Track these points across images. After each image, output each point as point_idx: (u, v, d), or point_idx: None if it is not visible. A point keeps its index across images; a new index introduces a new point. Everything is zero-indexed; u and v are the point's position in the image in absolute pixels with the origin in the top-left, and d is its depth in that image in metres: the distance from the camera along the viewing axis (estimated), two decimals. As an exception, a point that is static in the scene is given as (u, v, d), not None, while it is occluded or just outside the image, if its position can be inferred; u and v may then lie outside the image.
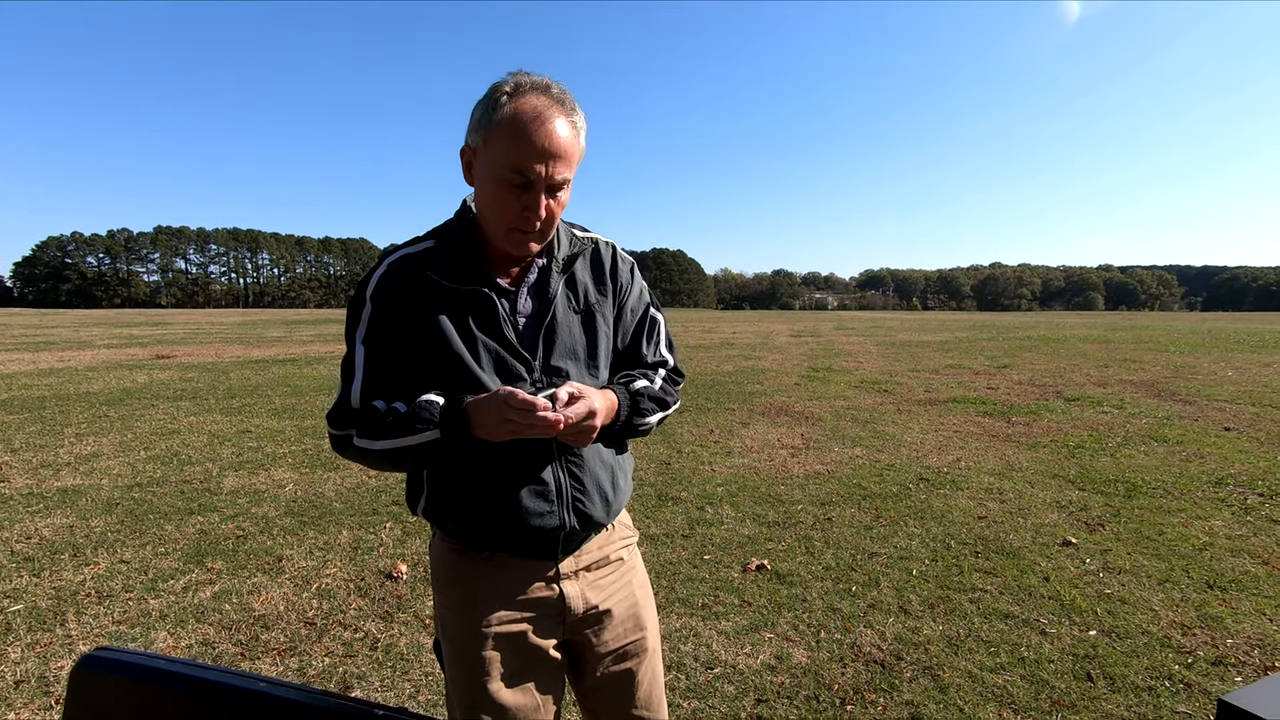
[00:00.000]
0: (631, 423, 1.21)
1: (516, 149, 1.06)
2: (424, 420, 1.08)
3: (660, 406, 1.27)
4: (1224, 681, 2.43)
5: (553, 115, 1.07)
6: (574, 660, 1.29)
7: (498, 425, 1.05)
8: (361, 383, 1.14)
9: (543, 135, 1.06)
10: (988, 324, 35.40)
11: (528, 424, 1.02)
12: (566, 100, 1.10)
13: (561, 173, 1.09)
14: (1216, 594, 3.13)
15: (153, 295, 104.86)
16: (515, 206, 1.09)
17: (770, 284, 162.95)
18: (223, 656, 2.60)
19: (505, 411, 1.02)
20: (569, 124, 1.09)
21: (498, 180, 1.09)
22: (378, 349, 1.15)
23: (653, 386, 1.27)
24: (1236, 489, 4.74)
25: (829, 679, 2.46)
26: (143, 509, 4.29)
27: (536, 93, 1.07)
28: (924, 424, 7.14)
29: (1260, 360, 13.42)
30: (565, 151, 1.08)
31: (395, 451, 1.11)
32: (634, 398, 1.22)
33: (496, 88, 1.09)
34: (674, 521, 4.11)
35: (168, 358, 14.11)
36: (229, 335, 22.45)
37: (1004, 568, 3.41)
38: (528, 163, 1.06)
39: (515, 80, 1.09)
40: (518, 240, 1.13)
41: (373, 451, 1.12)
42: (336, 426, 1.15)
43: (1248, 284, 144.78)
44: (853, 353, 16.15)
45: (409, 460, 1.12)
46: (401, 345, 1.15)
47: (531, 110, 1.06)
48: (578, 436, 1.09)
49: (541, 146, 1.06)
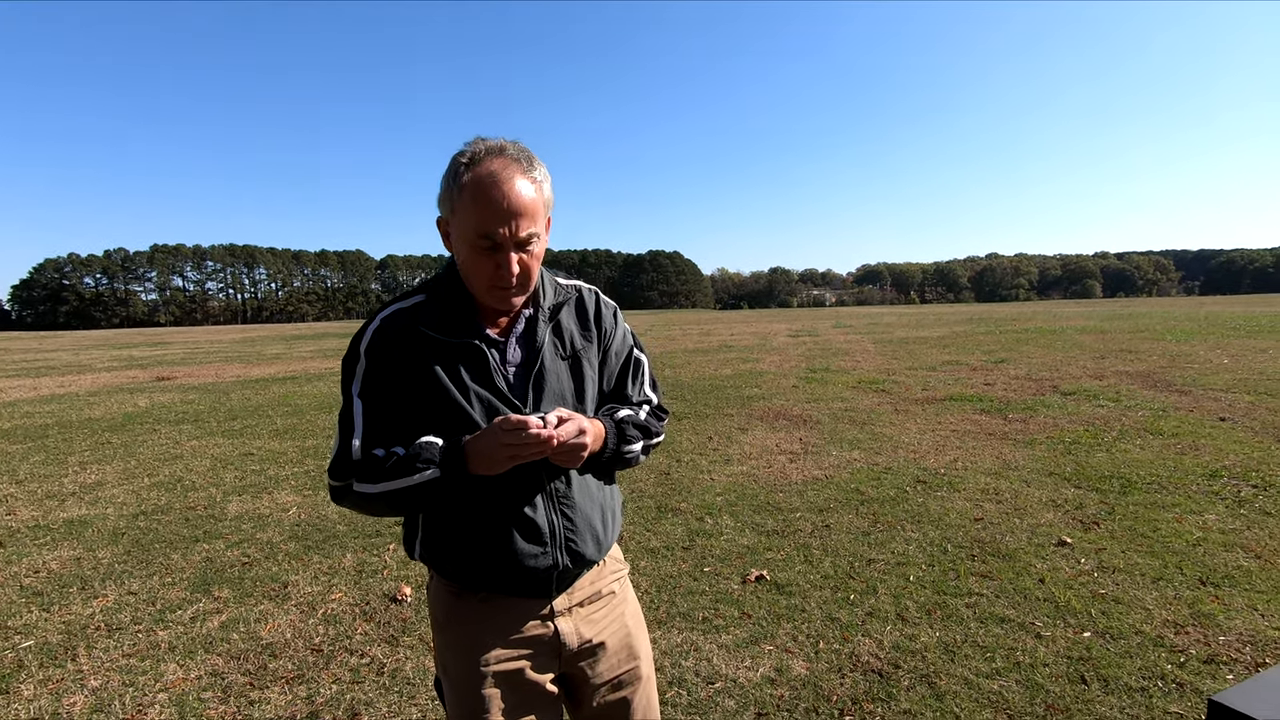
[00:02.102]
0: (619, 451, 1.26)
1: (480, 215, 1.12)
2: (424, 460, 1.13)
3: (645, 435, 1.31)
4: (1215, 680, 2.47)
5: (510, 177, 1.12)
6: (570, 692, 1.34)
7: (497, 453, 1.09)
8: (362, 434, 1.19)
9: (502, 198, 1.11)
10: (985, 316, 35.47)
11: (523, 444, 1.07)
12: (523, 158, 1.16)
13: (526, 229, 1.14)
14: (1209, 590, 3.17)
15: (151, 314, 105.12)
16: (489, 267, 1.15)
17: (768, 282, 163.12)
18: (232, 687, 2.65)
19: (502, 437, 1.07)
20: (528, 180, 1.15)
21: (469, 245, 1.15)
22: (375, 401, 1.20)
23: (636, 416, 1.32)
24: (1230, 481, 4.79)
25: (828, 690, 2.51)
26: (149, 538, 4.34)
27: (492, 157, 1.13)
28: (921, 424, 7.19)
29: (1256, 346, 13.47)
30: (527, 209, 1.14)
31: (395, 493, 1.14)
32: (619, 426, 1.27)
33: (456, 159, 1.15)
34: (674, 534, 4.16)
35: (168, 379, 14.16)
36: (228, 353, 22.50)
37: (1000, 570, 3.46)
38: (492, 227, 1.12)
39: (472, 149, 1.15)
40: (499, 296, 1.19)
41: (372, 495, 1.16)
42: (338, 478, 1.20)
43: (1244, 266, 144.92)
44: (850, 351, 16.20)
45: (408, 501, 1.16)
46: (397, 397, 1.20)
47: (489, 176, 1.12)
48: (569, 456, 1.13)
49: (503, 209, 1.12)
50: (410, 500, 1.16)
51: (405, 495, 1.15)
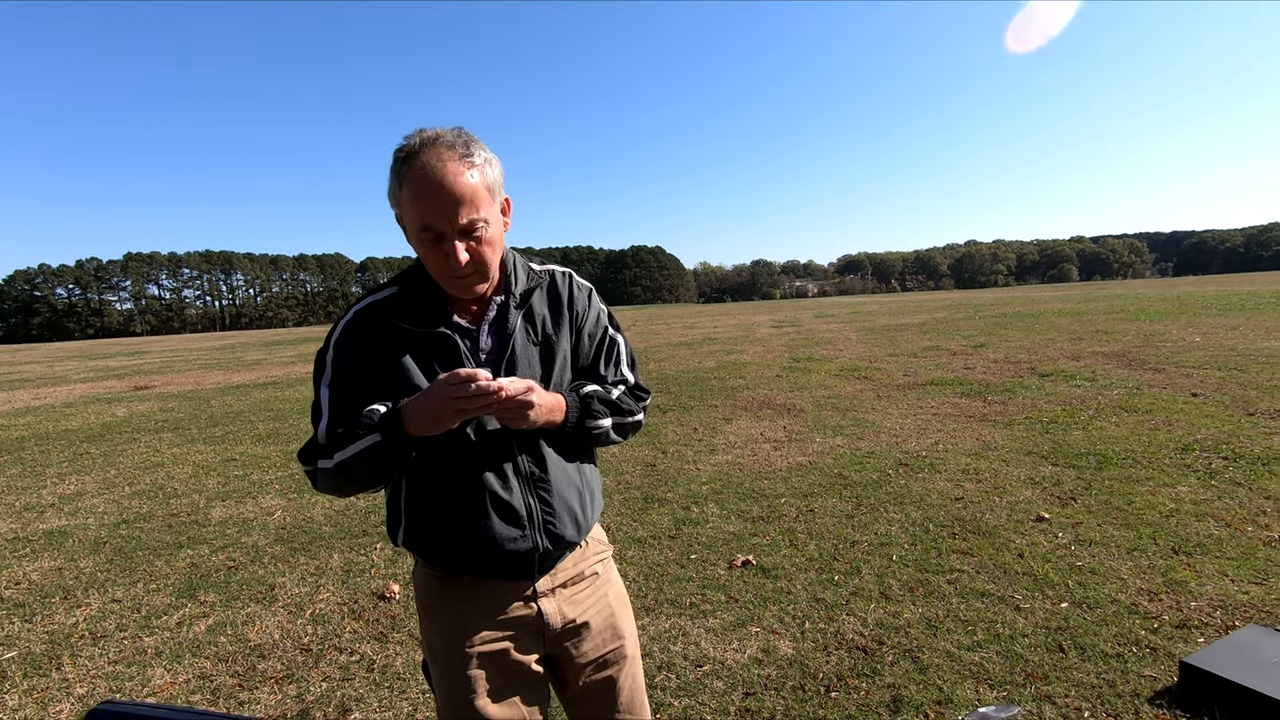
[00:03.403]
0: (583, 425, 1.26)
1: (418, 208, 1.12)
2: (364, 425, 1.15)
3: (614, 411, 1.31)
4: (1188, 644, 2.55)
5: (444, 165, 1.10)
6: (556, 672, 1.36)
7: (443, 408, 1.08)
8: (328, 421, 1.21)
9: (438, 188, 1.10)
10: (965, 302, 35.87)
11: (470, 396, 1.05)
12: (460, 144, 1.13)
13: (468, 215, 1.13)
14: (1182, 559, 3.26)
15: (126, 324, 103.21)
16: (438, 258, 1.15)
17: (750, 275, 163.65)
18: (221, 689, 2.64)
19: (450, 391, 1.06)
20: (465, 166, 1.12)
21: (417, 239, 1.16)
22: (342, 393, 1.22)
23: (603, 391, 1.31)
24: (1202, 454, 4.90)
25: (814, 668, 2.55)
26: (131, 546, 4.29)
27: (428, 147, 1.12)
28: (903, 408, 7.28)
29: (1226, 324, 13.75)
30: (466, 196, 1.12)
31: (347, 462, 1.15)
32: (583, 399, 1.27)
33: (395, 154, 1.14)
34: (661, 523, 4.19)
35: (147, 388, 13.96)
36: (207, 361, 22.21)
37: (980, 547, 3.53)
38: (432, 218, 1.12)
39: (408, 143, 1.14)
40: (458, 285, 1.19)
41: (329, 469, 1.18)
42: (306, 462, 1.22)
43: (1215, 247, 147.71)
44: (833, 340, 16.33)
45: (360, 469, 1.15)
46: (366, 388, 1.21)
47: (422, 167, 1.10)
48: (516, 413, 1.12)
49: (440, 199, 1.11)
50: (361, 466, 1.15)
51: (356, 462, 1.15)
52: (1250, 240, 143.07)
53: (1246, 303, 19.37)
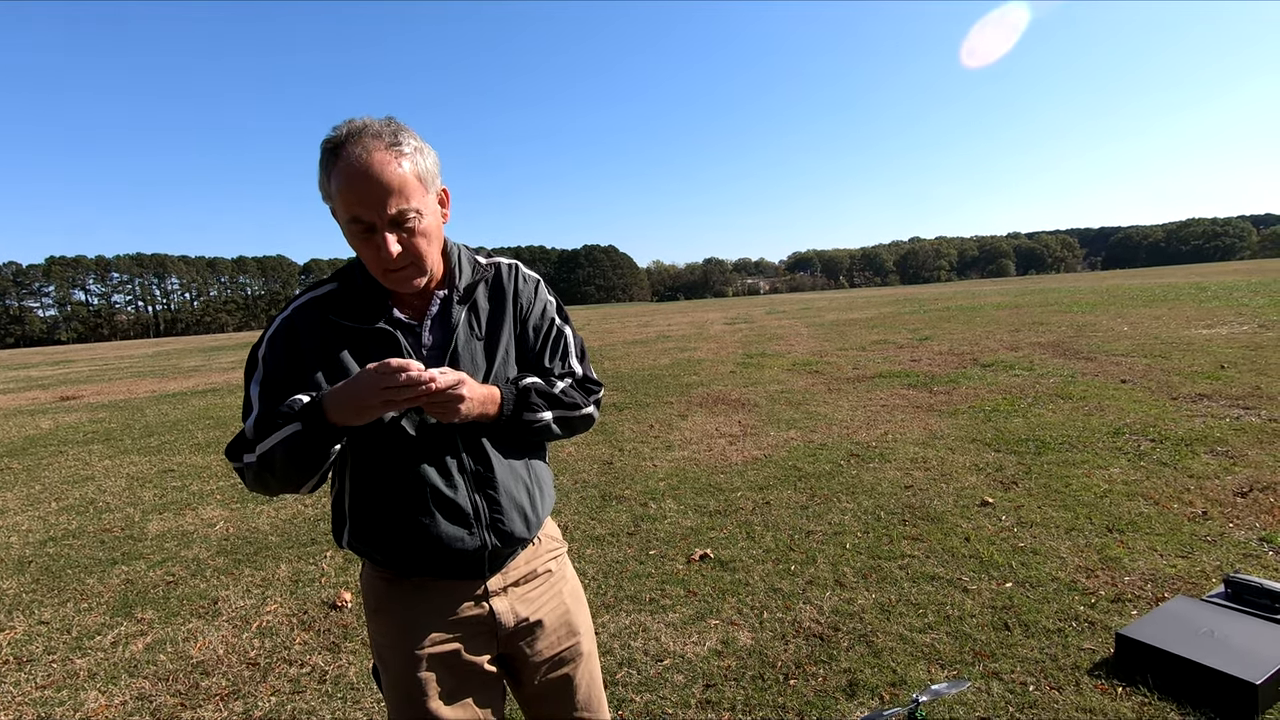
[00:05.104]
0: (520, 418, 1.23)
1: (346, 200, 1.08)
2: (284, 415, 1.10)
3: (555, 405, 1.27)
4: (1122, 616, 2.67)
5: (368, 157, 1.07)
6: (511, 672, 1.34)
7: (370, 398, 1.04)
8: (255, 417, 1.16)
9: (364, 179, 1.07)
10: (910, 297, 36.91)
11: (399, 386, 1.02)
12: (386, 133, 1.10)
13: (397, 206, 1.09)
14: (1115, 537, 3.42)
15: (50, 331, 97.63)
16: (370, 251, 1.12)
17: (703, 273, 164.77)
18: (161, 710, 2.52)
19: (380, 380, 1.02)
20: (392, 156, 1.08)
21: (349, 232, 1.12)
22: (272, 390, 1.17)
23: (543, 384, 1.28)
24: (1131, 437, 5.16)
25: (772, 657, 2.58)
26: (59, 564, 4.06)
27: (354, 138, 1.08)
28: (853, 401, 7.45)
29: (1151, 314, 14.51)
30: (394, 186, 1.08)
31: (268, 453, 1.11)
32: (521, 392, 1.24)
33: (322, 146, 1.10)
34: (619, 520, 4.18)
35: (74, 399, 13.23)
36: (141, 369, 21.18)
37: (929, 533, 3.63)
38: (360, 210, 1.08)
39: (336, 134, 1.10)
40: (395, 279, 1.15)
41: (252, 462, 1.13)
42: (233, 458, 1.18)
43: (1140, 242, 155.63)
44: (784, 336, 16.59)
45: (281, 460, 1.10)
46: (299, 386, 1.16)
47: (348, 157, 1.07)
48: (445, 406, 1.09)
49: (367, 190, 1.07)
50: (286, 461, 1.10)
51: (279, 455, 1.10)
52: (1170, 235, 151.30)
53: (1169, 294, 20.48)
